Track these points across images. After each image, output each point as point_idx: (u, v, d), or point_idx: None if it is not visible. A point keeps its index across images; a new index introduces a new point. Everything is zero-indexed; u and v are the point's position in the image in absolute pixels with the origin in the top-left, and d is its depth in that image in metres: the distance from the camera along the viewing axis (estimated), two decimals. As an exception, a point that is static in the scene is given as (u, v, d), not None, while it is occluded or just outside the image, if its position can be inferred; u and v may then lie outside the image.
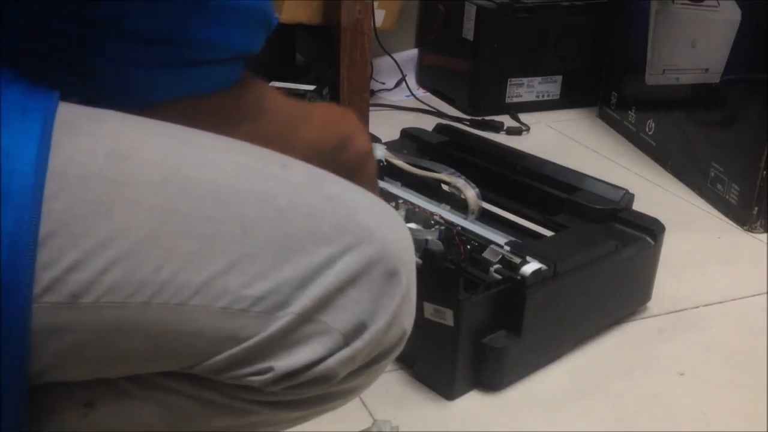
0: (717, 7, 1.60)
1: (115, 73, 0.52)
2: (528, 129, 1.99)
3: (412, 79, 2.24)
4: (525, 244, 1.10)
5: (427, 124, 1.55)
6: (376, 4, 1.98)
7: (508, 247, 1.07)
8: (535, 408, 1.03)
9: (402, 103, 2.13)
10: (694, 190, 1.67)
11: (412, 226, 1.17)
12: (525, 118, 2.04)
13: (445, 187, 1.25)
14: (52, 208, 0.45)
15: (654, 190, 1.68)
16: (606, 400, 1.06)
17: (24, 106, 0.46)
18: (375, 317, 0.53)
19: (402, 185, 1.26)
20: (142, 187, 0.48)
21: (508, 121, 2.01)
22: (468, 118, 2.04)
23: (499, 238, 1.10)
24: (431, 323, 0.99)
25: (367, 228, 0.53)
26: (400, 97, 2.18)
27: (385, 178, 1.27)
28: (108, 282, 0.46)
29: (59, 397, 0.52)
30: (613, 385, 1.08)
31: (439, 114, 2.06)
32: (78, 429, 0.53)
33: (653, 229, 1.19)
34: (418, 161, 1.28)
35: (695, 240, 1.48)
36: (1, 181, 0.44)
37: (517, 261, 1.05)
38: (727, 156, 1.57)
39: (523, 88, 2.09)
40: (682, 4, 1.70)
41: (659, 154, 1.81)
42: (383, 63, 2.19)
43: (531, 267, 1.02)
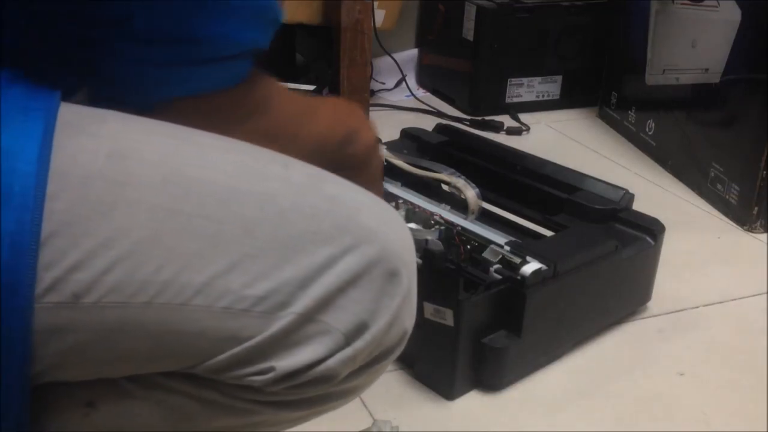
0: (717, 7, 1.60)
1: (124, 73, 0.52)
2: (528, 129, 1.99)
3: (412, 79, 2.24)
4: (525, 244, 1.10)
5: (427, 124, 1.55)
6: (376, 4, 1.98)
7: (508, 247, 1.07)
8: (535, 408, 1.03)
9: (402, 103, 2.13)
10: (694, 190, 1.67)
11: (412, 226, 1.17)
12: (525, 118, 2.03)
13: (445, 187, 1.25)
14: (53, 208, 0.45)
15: (654, 190, 1.68)
16: (606, 400, 1.06)
17: (25, 106, 0.46)
18: (376, 317, 0.53)
19: (402, 185, 1.26)
20: (144, 187, 0.48)
21: (508, 121, 2.01)
22: (468, 118, 2.04)
23: (499, 238, 1.10)
24: (431, 323, 0.99)
25: (368, 228, 0.53)
26: (400, 97, 2.18)
27: (385, 178, 1.27)
28: (110, 282, 0.46)
29: (61, 396, 0.52)
30: (613, 385, 1.08)
31: (439, 114, 2.06)
32: (79, 429, 0.53)
33: (653, 229, 1.19)
34: (418, 161, 1.28)
35: (695, 240, 1.48)
36: (2, 181, 0.44)
37: (517, 261, 1.05)
38: (727, 156, 1.57)
39: (523, 88, 2.09)
40: (682, 4, 1.70)
41: (659, 154, 1.81)
42: (383, 63, 2.19)
43: (531, 267, 1.02)
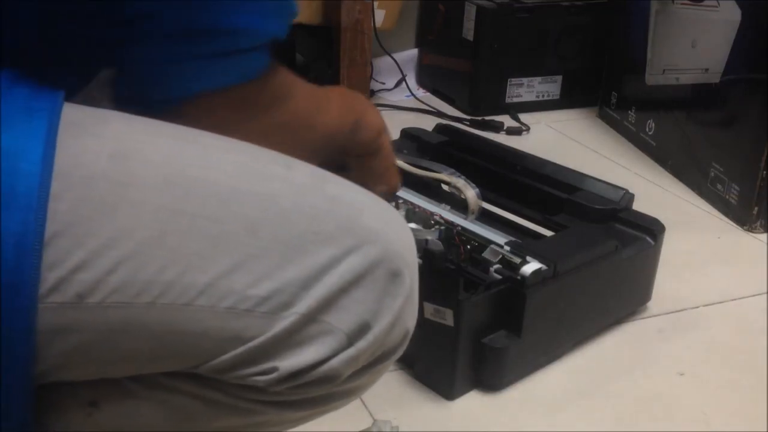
0: (717, 7, 1.60)
1: (151, 70, 0.52)
2: (528, 129, 1.99)
3: (412, 79, 2.24)
4: (525, 244, 1.10)
5: (427, 124, 1.55)
6: (376, 4, 1.98)
7: (508, 247, 1.07)
8: (535, 408, 1.03)
9: (402, 103, 2.13)
10: (694, 190, 1.67)
11: (412, 226, 1.17)
12: (525, 118, 2.04)
13: (445, 187, 1.25)
14: (57, 208, 0.45)
15: (654, 190, 1.68)
16: (606, 400, 1.06)
17: (29, 106, 0.46)
18: (378, 318, 0.53)
19: (402, 185, 1.26)
20: (147, 187, 0.48)
21: (508, 121, 2.01)
22: (468, 118, 2.04)
23: (499, 238, 1.10)
24: (431, 323, 0.99)
25: (371, 229, 0.53)
26: (400, 97, 2.18)
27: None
28: (113, 282, 0.46)
29: (64, 396, 0.52)
30: (613, 385, 1.08)
31: (439, 114, 2.06)
32: (83, 428, 0.53)
33: (653, 229, 1.19)
34: (418, 161, 1.28)
35: (695, 240, 1.48)
36: (6, 181, 0.44)
37: (517, 261, 1.05)
38: (727, 156, 1.57)
39: (523, 88, 2.09)
40: (682, 4, 1.70)
41: (659, 154, 1.81)
42: (383, 63, 2.19)
43: (531, 267, 1.02)
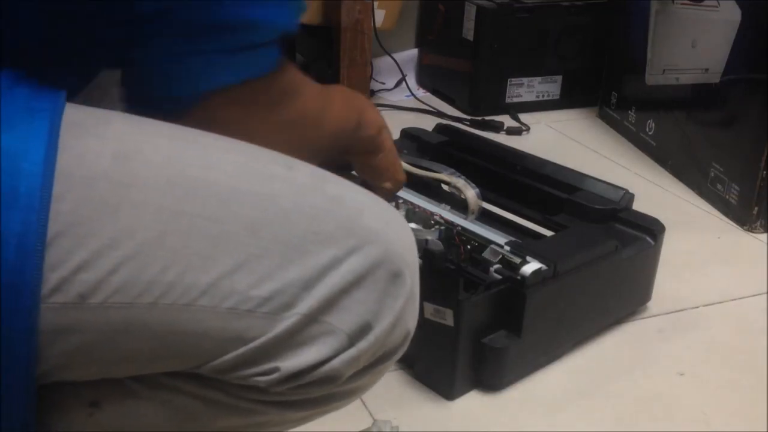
0: (717, 7, 1.60)
1: (167, 68, 0.52)
2: (528, 129, 1.99)
3: (412, 79, 2.24)
4: (525, 244, 1.10)
5: (427, 124, 1.55)
6: (376, 4, 1.98)
7: (508, 247, 1.07)
8: (535, 408, 1.03)
9: (402, 103, 2.13)
10: (694, 190, 1.67)
11: (412, 226, 1.17)
12: (525, 118, 2.04)
13: (445, 187, 1.25)
14: (59, 209, 0.45)
15: (654, 190, 1.68)
16: (606, 400, 1.06)
17: (31, 107, 0.46)
18: (379, 318, 0.53)
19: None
20: (148, 188, 0.48)
21: (508, 121, 2.01)
22: (468, 118, 2.04)
23: (499, 238, 1.10)
24: (431, 323, 0.99)
25: (372, 229, 0.53)
26: (400, 97, 2.18)
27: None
28: (115, 282, 0.46)
29: (66, 396, 0.52)
30: (613, 385, 1.08)
31: (439, 114, 2.06)
32: (84, 428, 0.53)
33: (653, 229, 1.19)
34: (418, 161, 1.28)
35: (695, 240, 1.48)
36: (8, 181, 0.44)
37: (517, 261, 1.05)
38: (727, 156, 1.57)
39: (523, 88, 2.09)
40: (682, 4, 1.70)
41: (659, 154, 1.81)
42: (383, 63, 2.19)
43: (531, 267, 1.02)
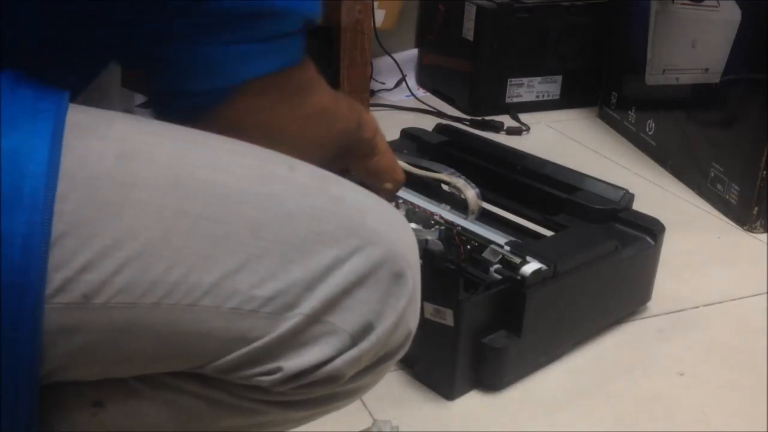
0: (717, 7, 1.60)
1: (199, 60, 0.52)
2: (528, 129, 1.99)
3: (412, 79, 2.24)
4: (525, 244, 1.10)
5: (427, 124, 1.55)
6: (376, 4, 1.98)
7: (508, 247, 1.07)
8: (535, 408, 1.03)
9: (402, 103, 2.13)
10: (694, 190, 1.67)
11: (412, 226, 1.17)
12: (525, 118, 2.04)
13: (445, 187, 1.25)
14: (63, 209, 0.45)
15: (654, 190, 1.68)
16: (606, 400, 1.06)
17: (34, 107, 0.46)
18: (382, 318, 0.54)
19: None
20: (151, 188, 0.48)
21: (508, 121, 2.01)
22: (468, 118, 2.04)
23: (499, 238, 1.10)
24: (431, 323, 0.99)
25: (374, 230, 0.54)
26: (400, 97, 2.18)
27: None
28: (119, 283, 0.47)
29: (69, 396, 0.52)
30: (613, 385, 1.08)
31: (439, 114, 2.06)
32: (88, 428, 0.53)
33: (653, 229, 1.19)
34: (418, 161, 1.28)
35: (695, 240, 1.48)
36: (13, 182, 0.44)
37: (517, 261, 1.05)
38: (727, 156, 1.57)
39: (523, 88, 2.09)
40: (682, 4, 1.70)
41: (659, 154, 1.81)
42: (383, 63, 2.19)
43: (531, 267, 1.02)
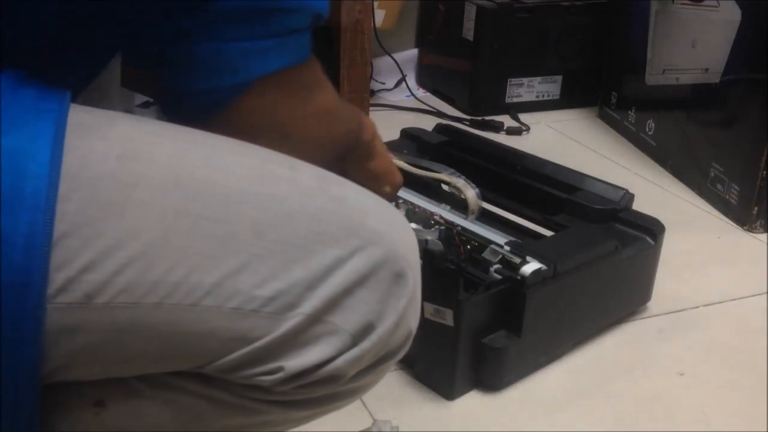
0: (717, 7, 1.60)
1: (212, 57, 0.52)
2: (528, 129, 1.99)
3: (412, 79, 2.24)
4: (525, 244, 1.10)
5: (427, 124, 1.55)
6: (376, 4, 1.98)
7: (508, 247, 1.07)
8: (535, 408, 1.03)
9: (402, 103, 2.13)
10: (694, 190, 1.67)
11: (412, 226, 1.17)
12: (525, 118, 2.04)
13: (445, 187, 1.25)
14: (65, 209, 0.45)
15: (654, 190, 1.68)
16: (606, 400, 1.06)
17: (36, 107, 0.47)
18: (382, 318, 0.54)
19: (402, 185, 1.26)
20: (153, 188, 0.48)
21: (508, 121, 2.01)
22: (468, 118, 2.04)
23: (499, 238, 1.10)
24: (431, 323, 0.99)
25: (375, 230, 0.54)
26: (400, 97, 2.18)
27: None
28: (121, 283, 0.47)
29: (71, 396, 0.53)
30: (613, 385, 1.09)
31: (439, 114, 2.06)
32: (89, 428, 0.53)
33: (653, 229, 1.19)
34: (418, 161, 1.28)
35: (695, 240, 1.48)
36: (15, 182, 0.44)
37: (517, 261, 1.05)
38: (727, 156, 1.57)
39: (523, 88, 2.09)
40: (682, 4, 1.70)
41: (659, 154, 1.81)
42: (383, 63, 2.19)
43: (531, 267, 1.02)
